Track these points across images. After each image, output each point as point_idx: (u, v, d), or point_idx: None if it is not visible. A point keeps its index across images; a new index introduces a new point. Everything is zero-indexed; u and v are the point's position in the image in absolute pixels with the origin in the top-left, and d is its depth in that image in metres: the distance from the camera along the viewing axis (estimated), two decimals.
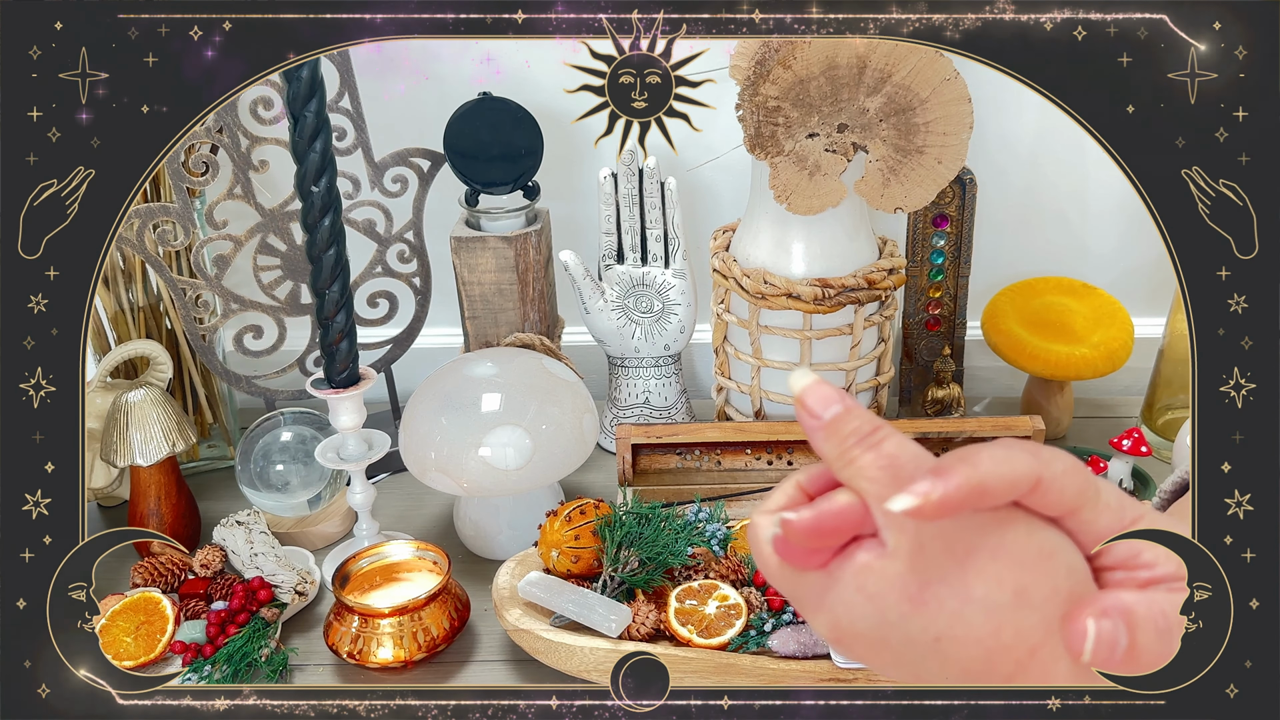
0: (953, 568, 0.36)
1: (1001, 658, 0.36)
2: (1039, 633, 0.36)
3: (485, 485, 0.90)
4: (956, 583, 0.36)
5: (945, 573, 0.36)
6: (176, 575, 0.92)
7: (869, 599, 0.37)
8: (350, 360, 0.89)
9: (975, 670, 0.37)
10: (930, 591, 0.36)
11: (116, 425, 0.95)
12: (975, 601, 0.36)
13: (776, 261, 0.96)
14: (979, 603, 0.36)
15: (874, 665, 0.38)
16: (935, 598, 0.36)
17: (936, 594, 0.36)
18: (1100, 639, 0.36)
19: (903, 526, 0.36)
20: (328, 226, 0.84)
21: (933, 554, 0.36)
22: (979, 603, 0.36)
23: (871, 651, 0.38)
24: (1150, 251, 1.20)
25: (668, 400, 1.12)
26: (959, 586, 0.36)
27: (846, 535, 0.37)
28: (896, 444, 0.36)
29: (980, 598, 0.36)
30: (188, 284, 1.01)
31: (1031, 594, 0.36)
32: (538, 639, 0.81)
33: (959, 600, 0.36)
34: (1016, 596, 0.36)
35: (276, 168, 1.01)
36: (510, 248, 1.01)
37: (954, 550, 0.36)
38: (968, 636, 0.36)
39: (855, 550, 0.37)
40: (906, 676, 0.38)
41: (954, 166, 0.87)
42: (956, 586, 0.36)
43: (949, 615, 0.36)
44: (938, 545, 0.36)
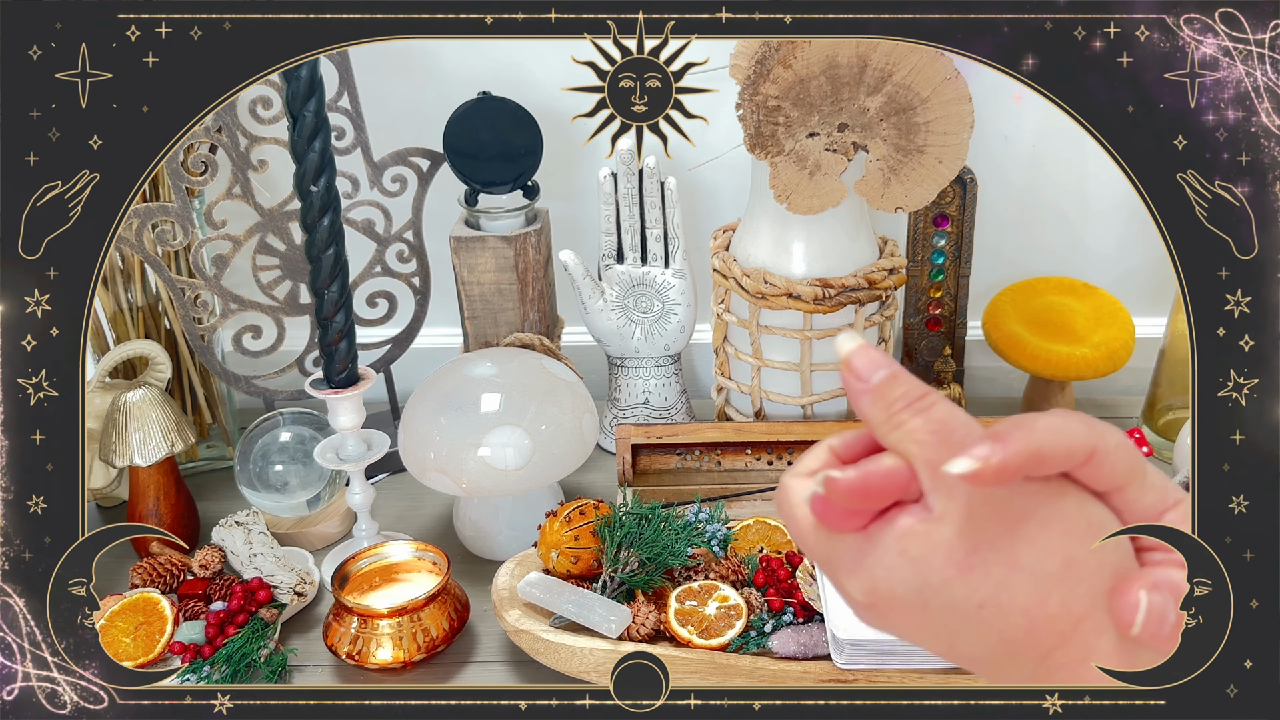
0: (1002, 535, 0.36)
1: (1045, 629, 0.36)
2: (1085, 605, 0.36)
3: (485, 485, 0.90)
4: (1005, 550, 0.36)
5: (994, 540, 0.36)
6: (175, 576, 0.92)
7: (912, 562, 0.36)
8: (349, 360, 0.89)
9: (1016, 641, 0.36)
10: (978, 557, 0.36)
11: (115, 425, 0.95)
12: (1023, 569, 0.36)
13: (777, 261, 0.96)
14: (1027, 571, 0.36)
15: (907, 634, 0.38)
16: (982, 564, 0.35)
17: (984, 560, 0.36)
18: (1151, 611, 0.36)
19: (953, 492, 0.35)
20: (327, 226, 0.84)
21: (982, 520, 0.36)
22: (1027, 571, 0.36)
23: (908, 618, 0.37)
24: (1151, 251, 1.20)
25: (668, 400, 1.12)
26: (1008, 554, 0.36)
27: (890, 498, 0.37)
28: (946, 409, 0.36)
29: (1029, 566, 0.36)
30: (187, 284, 1.01)
31: (1080, 566, 0.36)
32: (537, 640, 0.81)
33: (1006, 568, 0.35)
34: (1065, 567, 0.36)
35: (275, 167, 1.01)
36: (510, 247, 1.01)
37: (1004, 517, 0.36)
38: (1013, 605, 0.36)
39: (897, 514, 0.37)
40: (940, 647, 0.38)
41: (954, 166, 0.87)
42: (1005, 554, 0.36)
43: (995, 582, 0.36)
44: (988, 511, 0.36)
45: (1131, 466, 0.37)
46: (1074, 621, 0.36)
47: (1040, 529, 0.36)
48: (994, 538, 0.36)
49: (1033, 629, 0.36)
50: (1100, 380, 1.14)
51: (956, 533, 0.36)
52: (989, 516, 0.36)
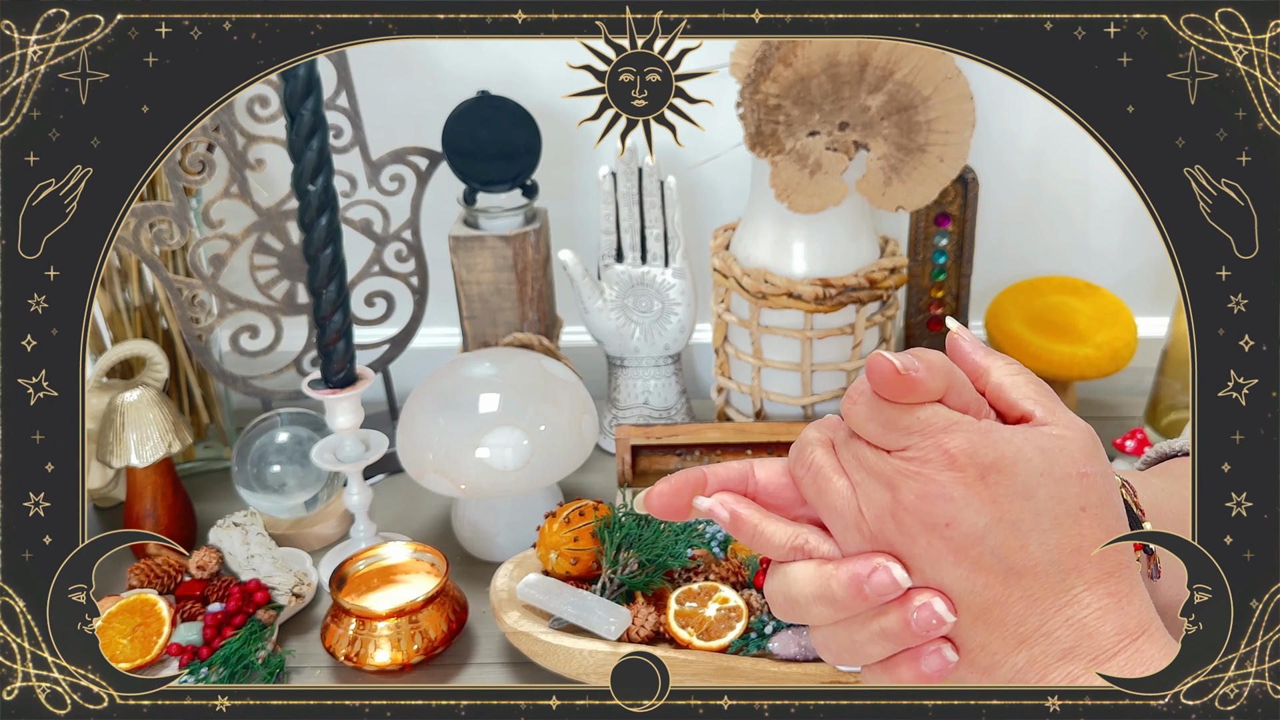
0: (1105, 463, 0.42)
1: (1112, 555, 0.41)
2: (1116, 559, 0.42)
3: (483, 486, 0.90)
4: (1107, 475, 0.42)
5: (1101, 464, 0.42)
6: (173, 577, 0.92)
7: (1041, 451, 0.40)
8: (347, 360, 0.89)
9: (1084, 553, 0.40)
10: (1092, 468, 0.41)
11: (112, 426, 0.95)
12: (1115, 493, 0.42)
13: (777, 261, 0.96)
14: (1116, 496, 0.42)
15: (974, 518, 0.40)
16: (1093, 475, 0.41)
17: (1095, 473, 0.41)
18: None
19: (1072, 422, 0.42)
20: (324, 225, 0.84)
21: (1095, 448, 0.42)
22: (1116, 496, 0.42)
23: (1002, 497, 0.40)
24: (1154, 251, 1.20)
25: (667, 401, 1.12)
26: (1109, 478, 0.42)
27: (950, 382, 0.42)
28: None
29: (1116, 494, 0.43)
30: (184, 283, 1.01)
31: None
32: (536, 641, 0.80)
33: (1108, 487, 0.41)
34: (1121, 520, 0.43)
35: (273, 166, 1.01)
36: (509, 247, 1.01)
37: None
38: (1105, 517, 0.41)
39: (1041, 426, 0.42)
40: (1004, 541, 0.40)
41: (956, 165, 0.87)
42: (1108, 477, 0.42)
43: (1100, 495, 0.41)
44: (1098, 449, 0.42)
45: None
46: (1116, 564, 0.41)
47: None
48: (1101, 463, 0.41)
49: (1104, 552, 0.40)
50: (1103, 380, 1.14)
51: (1080, 448, 0.41)
52: (1099, 452, 0.42)
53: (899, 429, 0.41)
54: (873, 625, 0.42)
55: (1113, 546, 0.41)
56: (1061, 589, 0.40)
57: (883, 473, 0.41)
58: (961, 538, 0.40)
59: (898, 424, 0.41)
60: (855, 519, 0.42)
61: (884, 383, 0.40)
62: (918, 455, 0.40)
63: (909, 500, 0.40)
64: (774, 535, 0.44)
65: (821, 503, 0.43)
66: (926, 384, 0.40)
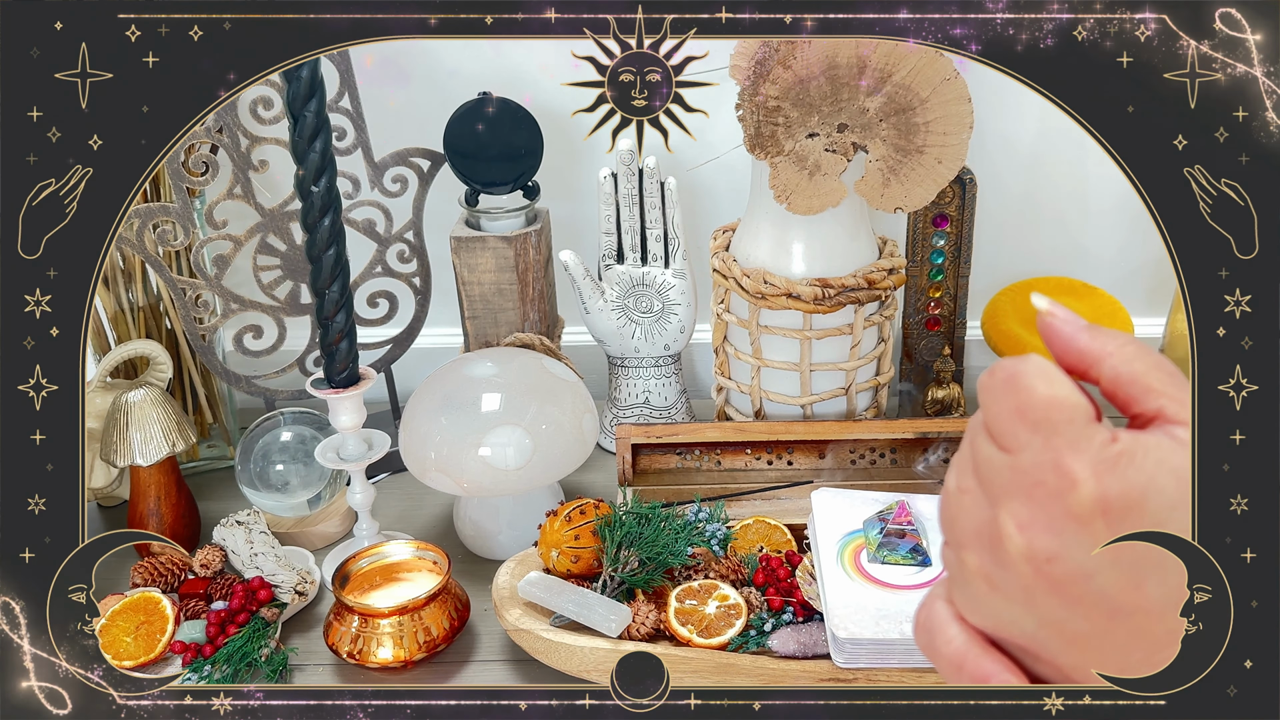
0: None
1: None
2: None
3: (485, 485, 0.90)
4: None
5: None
6: (176, 575, 0.92)
7: (1173, 472, 0.34)
8: (350, 360, 0.89)
9: (1179, 591, 0.35)
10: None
11: (116, 425, 0.95)
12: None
13: (776, 261, 0.96)
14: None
15: (1071, 555, 0.34)
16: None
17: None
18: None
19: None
20: (327, 226, 0.84)
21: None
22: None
23: (1119, 529, 0.34)
24: (1151, 251, 1.20)
25: (668, 400, 1.12)
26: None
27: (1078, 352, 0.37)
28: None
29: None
30: (187, 284, 1.01)
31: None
32: (538, 639, 0.81)
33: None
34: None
35: (276, 167, 1.01)
36: (510, 247, 1.01)
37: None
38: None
39: (1174, 427, 0.35)
40: (1116, 582, 0.34)
41: (954, 166, 0.87)
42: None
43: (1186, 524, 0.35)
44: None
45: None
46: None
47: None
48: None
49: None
50: None
51: (1185, 459, 0.34)
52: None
53: (1027, 422, 0.35)
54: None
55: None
56: (1176, 627, 0.35)
57: (992, 485, 0.36)
58: (1064, 575, 0.34)
59: (1026, 415, 0.35)
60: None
61: (1065, 346, 0.36)
62: (1032, 466, 0.34)
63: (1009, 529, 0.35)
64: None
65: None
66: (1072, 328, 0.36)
